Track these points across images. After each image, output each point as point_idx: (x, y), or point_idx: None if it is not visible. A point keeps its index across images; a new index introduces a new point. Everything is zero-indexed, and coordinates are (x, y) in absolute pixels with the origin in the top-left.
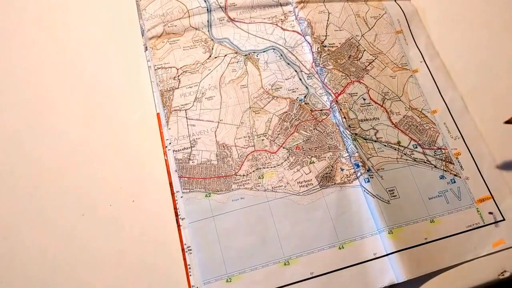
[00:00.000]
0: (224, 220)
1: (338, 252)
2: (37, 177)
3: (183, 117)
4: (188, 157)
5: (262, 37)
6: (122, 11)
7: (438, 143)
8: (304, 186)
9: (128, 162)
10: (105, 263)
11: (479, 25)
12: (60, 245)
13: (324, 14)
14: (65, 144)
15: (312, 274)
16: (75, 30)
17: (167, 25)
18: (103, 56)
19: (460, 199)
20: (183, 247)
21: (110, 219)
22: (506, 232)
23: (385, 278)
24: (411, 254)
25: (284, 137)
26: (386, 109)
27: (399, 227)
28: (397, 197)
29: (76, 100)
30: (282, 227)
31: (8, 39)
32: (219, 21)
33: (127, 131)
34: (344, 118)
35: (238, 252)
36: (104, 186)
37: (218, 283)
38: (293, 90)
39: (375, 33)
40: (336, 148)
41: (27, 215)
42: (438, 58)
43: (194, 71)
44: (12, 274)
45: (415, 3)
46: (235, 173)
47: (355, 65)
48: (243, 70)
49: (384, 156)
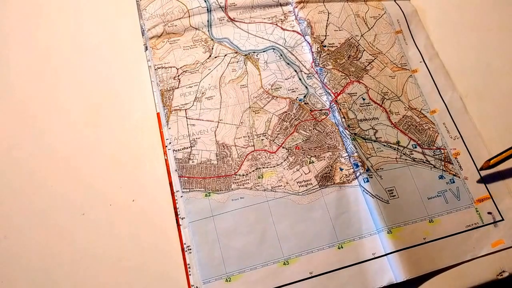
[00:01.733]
0: (224, 219)
1: (337, 252)
2: (37, 176)
3: (183, 116)
4: (188, 156)
5: (262, 37)
6: (123, 11)
7: (437, 143)
8: (303, 186)
9: (128, 161)
10: (105, 263)
11: (478, 25)
12: (60, 245)
13: (323, 14)
14: (65, 144)
15: (311, 274)
16: (75, 30)
17: (167, 25)
18: (103, 56)
19: (459, 199)
20: (182, 247)
21: (110, 219)
22: (504, 232)
23: (384, 278)
24: (410, 254)
25: (284, 137)
26: (386, 109)
27: (398, 227)
28: (396, 197)
29: (77, 100)
30: (281, 227)
31: (8, 39)
32: (219, 21)
33: (127, 131)
34: (344, 118)
35: (238, 251)
36: (104, 186)
37: (218, 282)
38: (293, 90)
39: (374, 33)
40: (336, 148)
41: (27, 214)
42: (437, 58)
43: (194, 71)
44: (12, 274)
45: (414, 3)
46: (235, 173)
47: (354, 65)
48: (243, 70)
49: (383, 156)
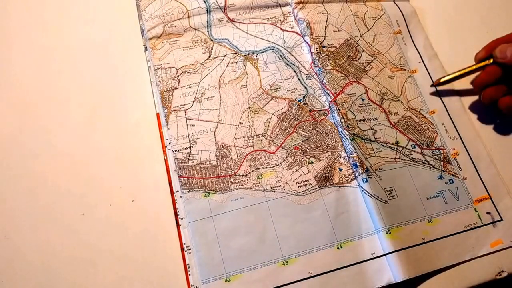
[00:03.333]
0: (223, 219)
1: (337, 252)
2: (37, 176)
3: (183, 117)
4: (187, 157)
5: (261, 37)
6: (122, 11)
7: (436, 143)
8: (302, 186)
9: (128, 162)
10: (104, 263)
11: (477, 26)
12: (60, 245)
13: (323, 14)
14: (65, 144)
15: (311, 274)
16: (75, 30)
17: (167, 25)
18: (103, 56)
19: (458, 199)
20: (182, 247)
21: (110, 219)
22: (503, 232)
23: (383, 278)
24: (409, 254)
25: (283, 137)
26: (385, 109)
27: (397, 227)
28: (395, 197)
29: (76, 100)
30: (280, 227)
31: (8, 39)
32: (218, 21)
33: (127, 131)
34: (343, 118)
35: (237, 251)
36: (104, 186)
37: (217, 282)
38: (292, 91)
39: (373, 34)
40: (335, 148)
41: (27, 214)
42: (436, 59)
43: (193, 71)
44: (13, 274)
45: (413, 3)
46: (234, 173)
47: (353, 66)
48: (242, 71)
49: (382, 156)
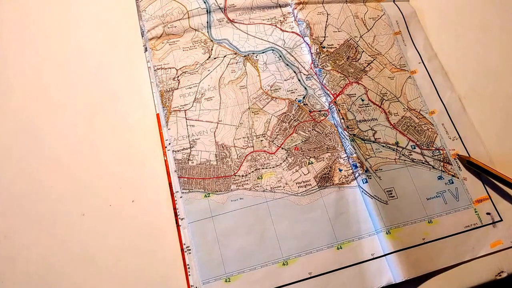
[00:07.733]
0: (223, 220)
1: (336, 253)
2: (37, 177)
3: (183, 117)
4: (187, 157)
5: (261, 38)
6: (122, 12)
7: (436, 144)
8: (302, 186)
9: (128, 162)
10: (104, 263)
11: (477, 26)
12: (60, 245)
13: (323, 15)
14: (65, 144)
15: (310, 274)
16: (75, 30)
17: (166, 26)
18: (103, 57)
19: (458, 199)
20: (182, 247)
21: (110, 219)
22: (503, 233)
23: (383, 278)
24: (409, 255)
25: (283, 137)
26: (385, 110)
27: (397, 228)
28: (395, 197)
29: (76, 101)
30: (280, 227)
31: (9, 39)
32: (218, 22)
33: (127, 132)
34: (343, 119)
35: (237, 252)
36: (104, 186)
37: (217, 283)
38: (292, 91)
39: (373, 34)
40: (335, 148)
41: (27, 214)
42: (436, 59)
43: (193, 72)
44: (12, 274)
45: (413, 4)
46: (234, 174)
47: (353, 66)
48: (242, 71)
49: (382, 156)
